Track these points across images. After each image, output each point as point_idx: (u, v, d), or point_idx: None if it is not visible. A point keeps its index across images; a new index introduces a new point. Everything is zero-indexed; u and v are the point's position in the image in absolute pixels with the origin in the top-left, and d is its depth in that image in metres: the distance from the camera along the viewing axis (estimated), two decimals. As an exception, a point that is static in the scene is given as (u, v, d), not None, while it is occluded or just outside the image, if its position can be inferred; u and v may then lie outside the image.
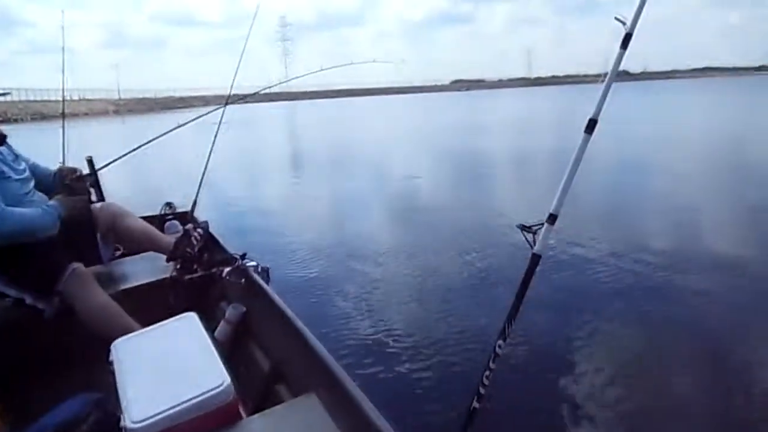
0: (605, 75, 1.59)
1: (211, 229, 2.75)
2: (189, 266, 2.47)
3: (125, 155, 2.94)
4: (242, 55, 3.46)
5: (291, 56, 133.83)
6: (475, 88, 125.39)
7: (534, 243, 1.61)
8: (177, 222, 2.97)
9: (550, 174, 8.85)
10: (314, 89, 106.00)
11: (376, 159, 12.64)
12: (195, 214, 3.07)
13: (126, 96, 74.62)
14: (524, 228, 1.62)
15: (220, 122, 3.21)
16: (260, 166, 12.68)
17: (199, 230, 2.60)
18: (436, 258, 4.70)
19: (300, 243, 5.41)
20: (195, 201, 3.09)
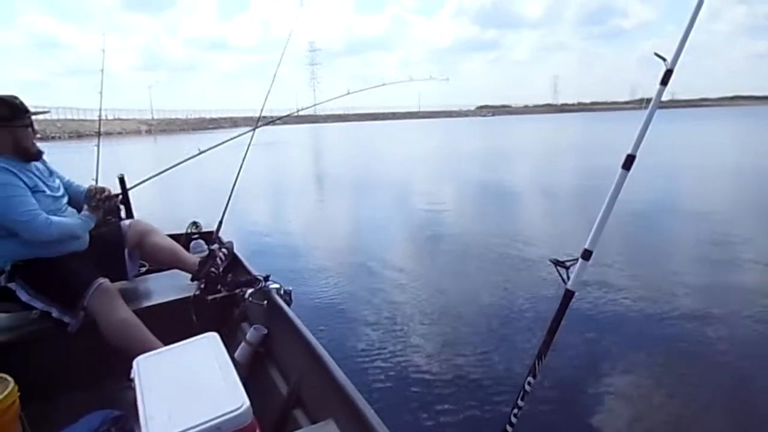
0: (646, 101, 1.55)
1: (236, 250, 2.76)
2: (213, 286, 2.47)
3: (155, 176, 2.99)
4: (273, 80, 3.51)
5: (319, 80, 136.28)
6: (501, 114, 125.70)
7: (567, 278, 1.57)
8: (202, 241, 3.00)
9: (582, 206, 8.66)
10: (339, 112, 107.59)
11: (402, 184, 12.55)
12: (220, 235, 3.09)
13: (158, 116, 77.01)
14: (558, 263, 1.58)
15: (249, 144, 3.24)
16: (286, 188, 12.75)
17: (224, 250, 2.61)
18: (463, 288, 4.59)
19: (323, 266, 5.38)
20: (221, 221, 3.11)
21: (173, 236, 2.79)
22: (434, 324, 3.84)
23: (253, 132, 3.35)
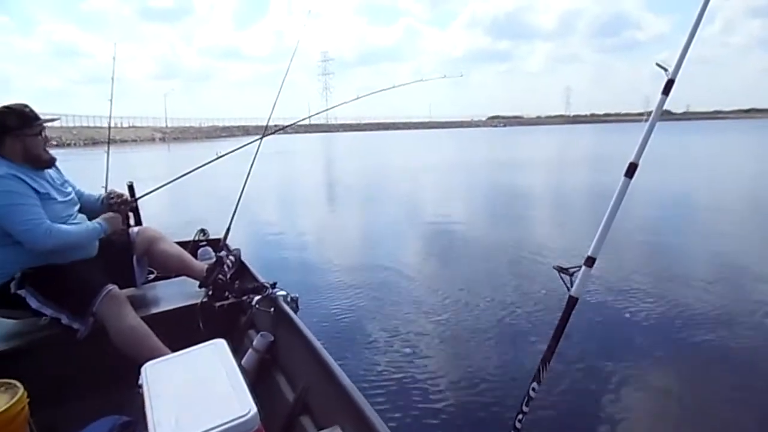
0: (648, 114, 1.57)
1: (243, 257, 2.78)
2: (220, 293, 2.49)
3: (164, 185, 3.00)
4: (280, 89, 3.54)
5: (331, 90, 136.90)
6: (513, 125, 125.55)
7: (571, 285, 1.57)
8: (210, 248, 3.02)
9: (590, 213, 8.65)
10: (351, 122, 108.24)
11: (411, 193, 12.57)
12: (228, 242, 3.11)
13: (173, 124, 77.91)
14: (561, 270, 1.59)
15: (257, 153, 3.27)
16: (295, 196, 12.81)
17: (232, 258, 2.63)
18: (469, 295, 4.58)
19: (331, 273, 5.39)
20: (228, 228, 3.13)
21: (181, 243, 2.81)
22: (440, 331, 3.83)
23: (260, 141, 3.37)
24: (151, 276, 2.76)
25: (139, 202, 2.79)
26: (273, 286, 2.44)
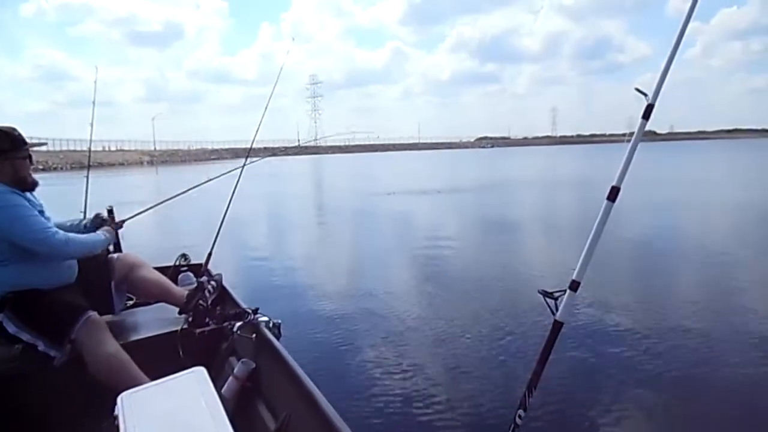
0: (629, 136, 1.59)
1: (225, 282, 2.74)
2: (201, 319, 2.45)
3: (146, 210, 2.95)
4: (263, 114, 3.58)
5: (320, 111, 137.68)
6: (501, 145, 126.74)
7: (556, 310, 1.56)
8: (191, 274, 2.98)
9: (576, 237, 8.67)
10: (340, 144, 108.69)
11: (395, 216, 12.45)
12: (210, 267, 3.07)
13: (161, 147, 77.79)
14: (546, 294, 1.58)
15: (239, 179, 3.26)
16: (279, 220, 12.66)
17: (213, 283, 2.59)
18: (454, 320, 4.51)
19: (315, 298, 5.30)
20: (210, 253, 3.09)
21: (161, 269, 2.77)
22: (425, 358, 3.77)
23: (242, 168, 3.37)
24: (130, 303, 2.71)
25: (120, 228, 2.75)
26: (255, 312, 2.40)
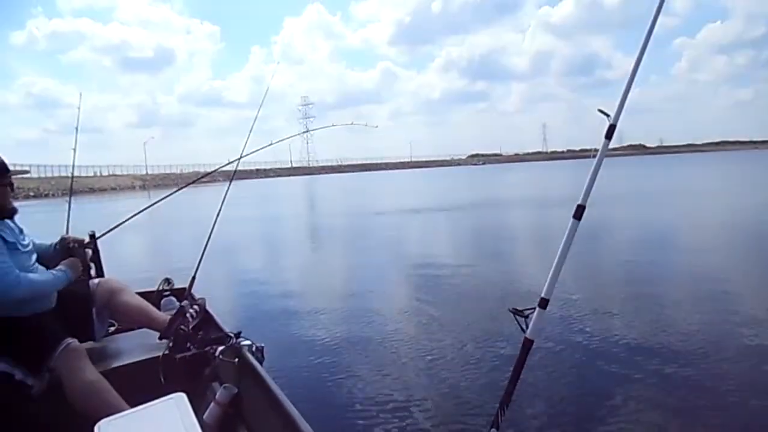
0: (594, 152, 1.61)
1: (209, 306, 2.73)
2: (182, 344, 2.42)
3: (124, 222, 2.93)
4: (249, 135, 3.62)
5: (312, 133, 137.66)
6: (492, 162, 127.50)
7: (526, 327, 1.57)
8: (174, 298, 2.95)
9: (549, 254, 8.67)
10: (333, 164, 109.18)
11: (379, 237, 12.36)
12: (193, 291, 3.05)
13: (153, 171, 77.73)
14: (516, 312, 1.59)
15: (224, 200, 3.26)
16: (265, 243, 12.53)
17: (195, 307, 2.58)
18: (433, 342, 4.47)
19: (299, 321, 5.25)
20: (194, 277, 3.08)
21: (144, 294, 2.75)
22: (407, 380, 3.73)
23: (228, 185, 3.37)
24: (112, 329, 2.69)
25: (102, 252, 2.73)
26: (237, 336, 2.38)
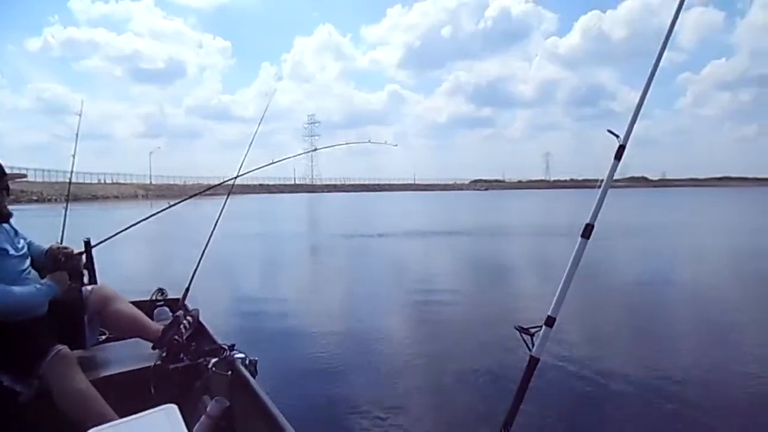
0: (600, 182, 1.62)
1: (202, 318, 2.69)
2: (175, 355, 2.38)
3: (119, 233, 2.91)
4: (249, 148, 3.66)
5: (317, 151, 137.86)
6: (495, 188, 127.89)
7: (532, 345, 1.55)
8: (167, 308, 2.91)
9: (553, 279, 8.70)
10: (336, 183, 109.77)
11: (378, 255, 12.39)
12: (187, 302, 3.02)
13: (158, 181, 78.14)
14: (522, 330, 1.58)
15: (221, 212, 3.27)
16: (262, 257, 12.48)
17: (189, 318, 2.54)
18: (434, 359, 4.48)
19: (293, 336, 5.23)
20: (188, 288, 3.05)
21: (137, 303, 2.71)
22: (405, 397, 3.71)
23: (226, 200, 3.36)
24: (103, 337, 2.64)
25: (97, 259, 2.70)
26: (231, 348, 2.35)
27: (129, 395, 1.98)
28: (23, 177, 3.06)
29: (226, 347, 2.35)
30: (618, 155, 1.60)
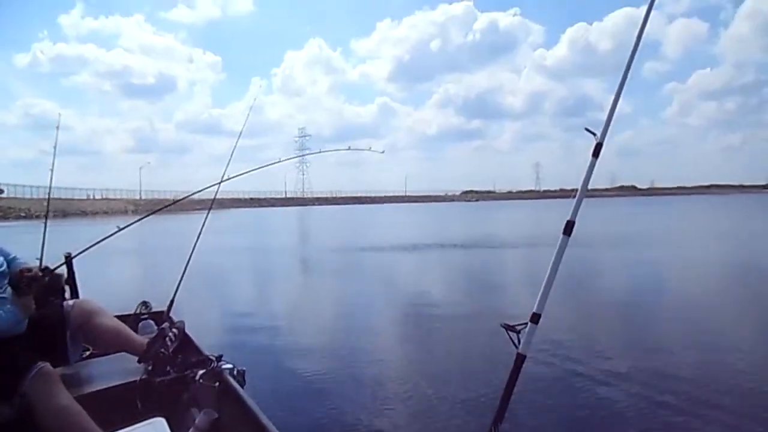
0: (576, 192, 1.65)
1: (188, 330, 2.67)
2: (161, 368, 2.35)
3: (98, 243, 2.89)
4: (231, 157, 3.74)
5: (308, 164, 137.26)
6: (486, 199, 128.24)
7: (519, 342, 1.56)
8: (152, 322, 2.88)
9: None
10: (326, 195, 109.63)
11: (366, 265, 12.39)
12: (172, 314, 2.99)
13: (148, 196, 77.57)
14: (508, 327, 1.59)
15: (203, 226, 3.27)
16: (246, 268, 12.48)
17: (174, 330, 2.51)
18: (422, 361, 4.53)
19: (282, 345, 5.22)
20: (172, 300, 3.03)
21: (121, 317, 2.68)
22: (394, 401, 3.71)
23: (207, 214, 3.35)
24: (87, 353, 2.60)
25: (78, 273, 2.67)
26: (218, 359, 2.34)
27: (115, 410, 1.96)
28: (1, 192, 2.98)
29: (214, 358, 2.33)
30: (596, 152, 1.62)
